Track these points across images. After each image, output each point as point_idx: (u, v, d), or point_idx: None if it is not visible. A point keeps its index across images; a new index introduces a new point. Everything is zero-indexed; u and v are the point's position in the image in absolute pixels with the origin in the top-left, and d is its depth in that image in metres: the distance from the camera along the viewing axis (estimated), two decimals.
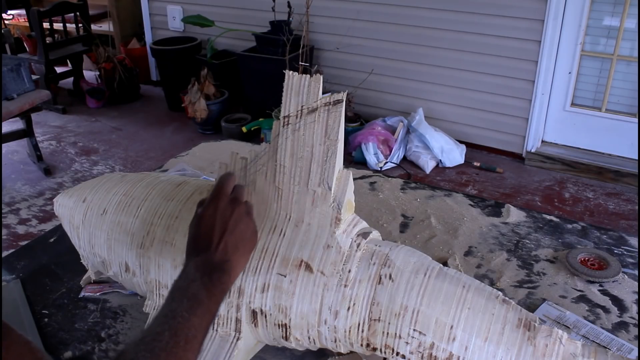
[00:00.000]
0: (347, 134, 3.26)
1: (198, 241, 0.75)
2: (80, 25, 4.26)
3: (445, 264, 1.08)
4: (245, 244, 0.77)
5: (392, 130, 3.34)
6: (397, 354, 0.78)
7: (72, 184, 3.14)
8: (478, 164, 3.24)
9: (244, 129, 3.53)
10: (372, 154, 3.19)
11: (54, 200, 1.09)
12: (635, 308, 1.01)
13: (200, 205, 0.79)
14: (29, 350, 0.55)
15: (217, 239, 0.74)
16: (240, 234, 0.76)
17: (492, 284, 1.07)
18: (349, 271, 0.81)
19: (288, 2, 3.39)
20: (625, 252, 1.16)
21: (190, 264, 0.73)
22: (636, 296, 1.04)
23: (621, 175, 3.05)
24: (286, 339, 0.84)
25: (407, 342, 0.77)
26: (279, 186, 0.85)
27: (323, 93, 0.83)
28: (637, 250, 1.17)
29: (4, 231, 2.69)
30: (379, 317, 0.79)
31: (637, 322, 0.98)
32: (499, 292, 0.78)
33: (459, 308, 0.76)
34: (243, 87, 3.75)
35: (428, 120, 3.36)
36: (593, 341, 0.93)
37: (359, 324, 0.80)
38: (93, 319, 1.01)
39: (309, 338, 0.83)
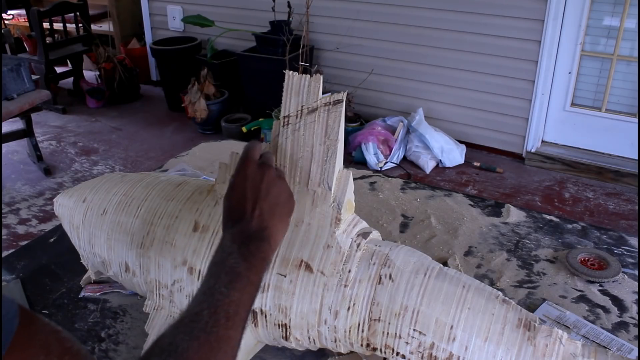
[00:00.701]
0: (347, 134, 3.26)
1: (232, 212, 0.71)
2: (80, 25, 4.26)
3: (445, 264, 1.08)
4: (281, 208, 0.72)
5: (392, 130, 3.35)
6: (397, 354, 0.78)
7: (72, 184, 3.14)
8: (478, 164, 3.24)
9: (244, 129, 3.53)
10: (372, 154, 3.19)
11: (54, 200, 1.09)
12: (635, 308, 1.01)
13: (232, 175, 0.74)
14: (57, 339, 0.51)
15: (250, 206, 0.69)
16: (275, 198, 0.71)
17: (492, 284, 1.07)
18: (349, 271, 0.81)
19: (288, 2, 3.39)
20: (625, 252, 1.16)
21: (226, 237, 0.68)
22: (636, 296, 1.04)
23: (621, 175, 3.05)
24: (286, 339, 0.84)
25: (407, 342, 0.77)
26: None
27: (323, 93, 0.83)
28: (637, 250, 1.17)
29: (4, 231, 2.70)
30: (379, 317, 0.79)
31: (637, 322, 0.98)
32: (499, 292, 0.78)
33: (459, 308, 0.76)
34: (243, 87, 3.75)
35: (428, 120, 3.36)
36: (593, 341, 0.93)
37: (359, 324, 0.80)
38: (93, 319, 1.01)
39: (309, 338, 0.83)
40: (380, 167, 3.15)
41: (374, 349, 0.80)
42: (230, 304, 0.60)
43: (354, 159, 3.27)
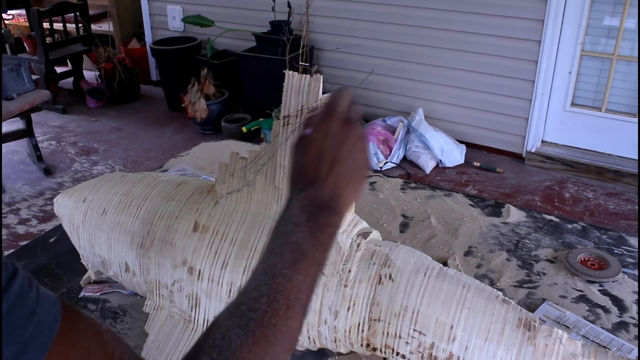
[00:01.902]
0: None
1: (304, 171, 0.62)
2: (80, 25, 4.26)
3: (445, 264, 1.08)
4: (359, 174, 0.64)
5: (392, 130, 3.34)
6: (397, 354, 0.78)
7: (72, 184, 3.14)
8: (478, 164, 3.24)
9: (244, 129, 3.53)
10: (372, 154, 3.19)
11: (54, 200, 1.09)
12: (635, 308, 1.01)
13: (307, 125, 0.64)
14: (99, 344, 0.47)
15: (327, 169, 0.60)
16: (354, 162, 0.62)
17: (492, 284, 1.07)
18: (349, 271, 0.81)
19: (288, 2, 3.39)
20: (625, 252, 1.16)
21: (295, 203, 0.60)
22: (636, 296, 1.04)
23: (621, 175, 3.05)
24: None
25: (407, 342, 0.77)
26: (279, 186, 0.85)
27: (323, 93, 0.83)
28: (637, 250, 1.17)
29: (4, 231, 2.70)
30: (379, 317, 0.79)
31: (637, 322, 0.98)
32: (499, 292, 0.78)
33: (459, 308, 0.76)
34: (243, 87, 3.75)
35: (428, 120, 3.36)
36: (593, 341, 0.93)
37: (359, 324, 0.80)
38: None
39: (309, 338, 0.83)
40: (380, 167, 3.15)
41: (374, 349, 0.80)
42: (292, 289, 0.53)
43: None
